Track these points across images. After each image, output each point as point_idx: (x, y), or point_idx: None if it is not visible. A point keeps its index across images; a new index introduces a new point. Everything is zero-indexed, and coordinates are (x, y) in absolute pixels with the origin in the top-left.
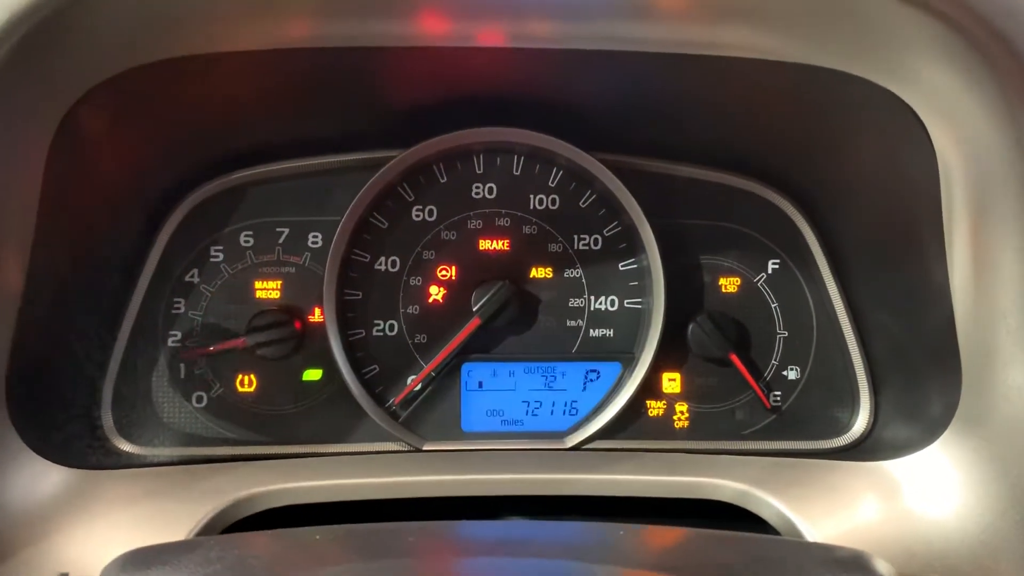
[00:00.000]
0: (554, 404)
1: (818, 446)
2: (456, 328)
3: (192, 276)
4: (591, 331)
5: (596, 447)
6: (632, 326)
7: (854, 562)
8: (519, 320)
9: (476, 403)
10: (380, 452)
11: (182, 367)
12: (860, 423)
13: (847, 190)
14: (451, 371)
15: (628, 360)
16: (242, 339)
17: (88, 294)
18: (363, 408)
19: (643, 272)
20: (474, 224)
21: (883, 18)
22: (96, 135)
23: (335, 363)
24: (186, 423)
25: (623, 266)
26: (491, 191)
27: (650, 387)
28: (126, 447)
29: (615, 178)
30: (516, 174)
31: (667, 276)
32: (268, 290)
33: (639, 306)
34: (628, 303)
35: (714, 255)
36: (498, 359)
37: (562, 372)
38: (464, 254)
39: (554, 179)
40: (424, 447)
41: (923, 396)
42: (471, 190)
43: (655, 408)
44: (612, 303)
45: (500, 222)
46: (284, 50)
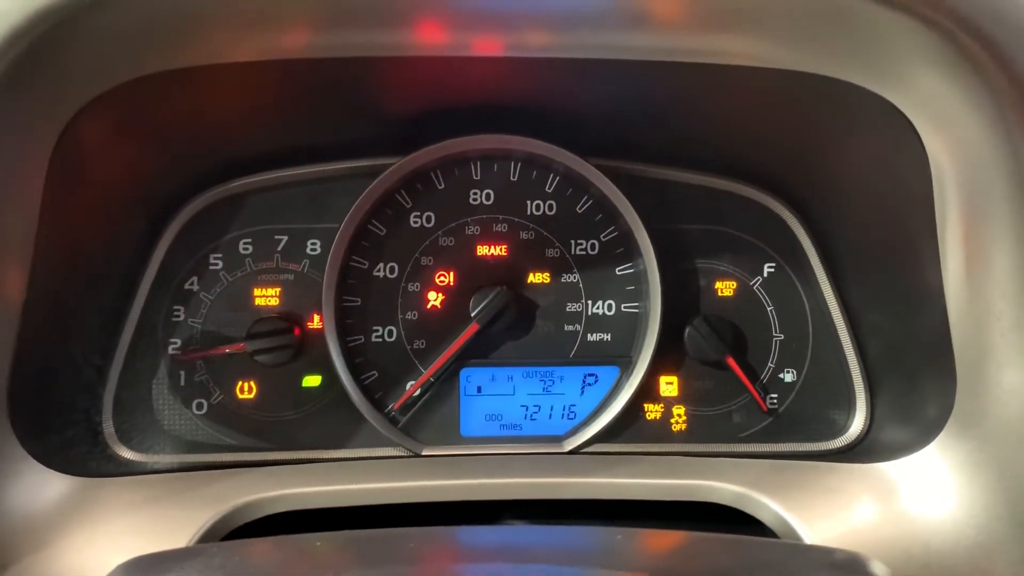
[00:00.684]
0: (552, 408)
1: (815, 448)
2: (455, 333)
3: (192, 284)
4: (589, 335)
5: (594, 451)
6: (629, 330)
7: (851, 565)
8: (517, 325)
9: (475, 408)
10: (379, 457)
11: (182, 374)
12: (856, 425)
13: (841, 194)
14: (450, 376)
15: (626, 364)
16: (242, 344)
17: (88, 302)
18: (362, 414)
19: (640, 277)
20: (472, 230)
21: (876, 26)
22: (96, 145)
23: (334, 369)
24: (186, 430)
25: (620, 271)
26: (489, 197)
27: (648, 391)
28: (127, 454)
29: (611, 184)
30: (513, 180)
31: (664, 280)
32: (267, 297)
33: (636, 310)
34: (625, 307)
35: (710, 259)
36: (496, 364)
37: (560, 376)
38: (462, 260)
39: (551, 185)
40: (423, 452)
41: (919, 398)
42: (469, 196)
43: (653, 411)
44: (609, 307)
45: (498, 228)
46: (283, 60)
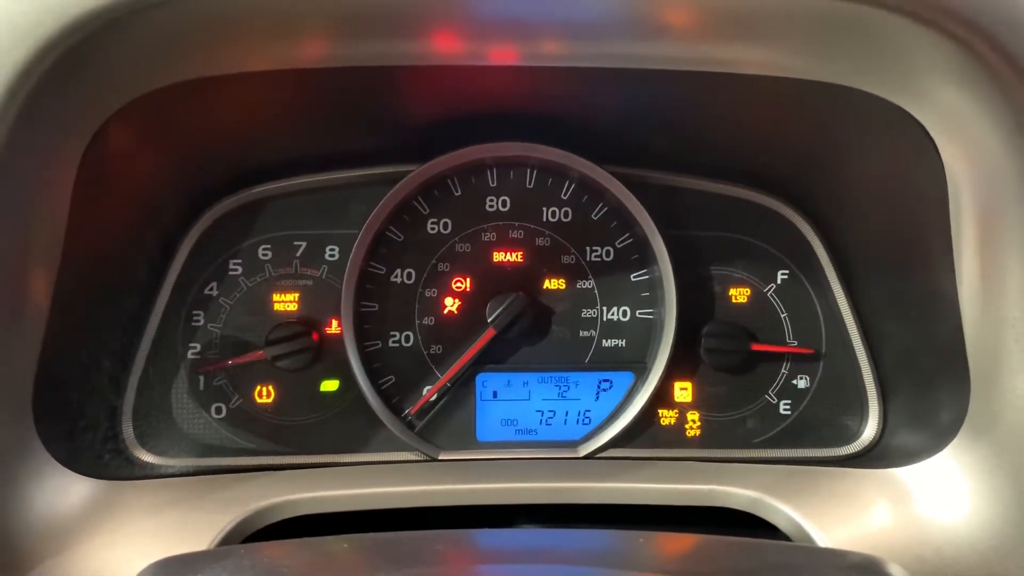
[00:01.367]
0: (567, 413)
1: (828, 454)
2: (471, 339)
3: (211, 289)
4: (604, 341)
5: (609, 456)
6: (644, 336)
7: (868, 567)
8: (533, 331)
9: (491, 413)
10: (397, 462)
11: (201, 379)
12: (870, 431)
13: (855, 202)
14: (466, 381)
15: (640, 370)
16: (261, 352)
17: (110, 308)
18: (380, 418)
19: (655, 283)
20: (488, 236)
21: (893, 36)
22: (121, 153)
23: (352, 374)
24: (205, 434)
25: (635, 277)
26: (505, 204)
27: (662, 396)
28: (147, 457)
29: (627, 191)
30: (529, 187)
31: (679, 287)
32: (286, 302)
33: (651, 316)
34: (640, 313)
35: (724, 266)
36: (512, 369)
37: (575, 382)
38: (478, 266)
39: (567, 192)
40: (440, 456)
41: (932, 404)
42: (485, 203)
43: (667, 417)
44: (624, 314)
45: (514, 234)
46: (303, 70)
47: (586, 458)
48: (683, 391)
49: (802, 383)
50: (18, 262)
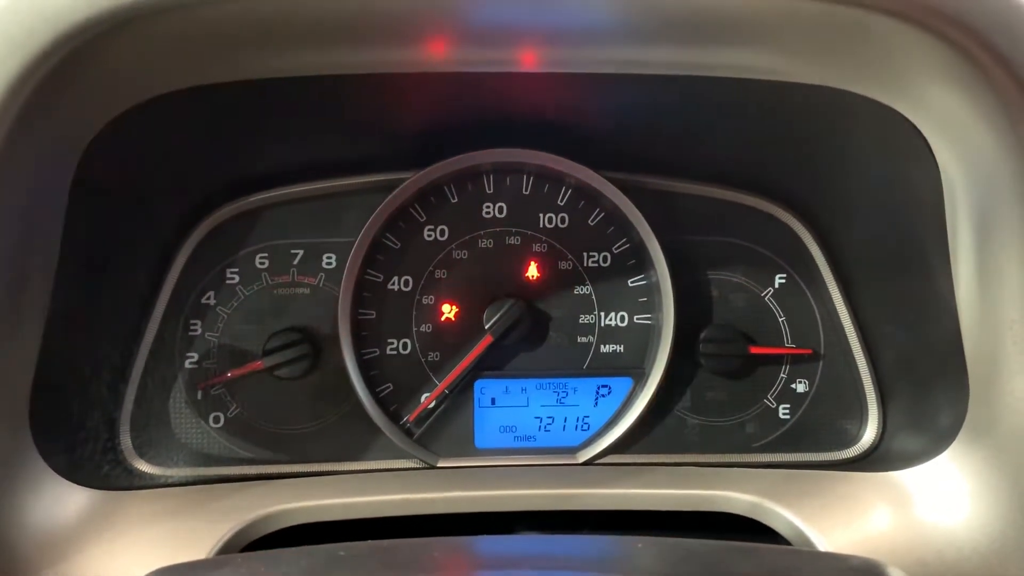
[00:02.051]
0: (566, 420)
1: (828, 458)
2: (469, 346)
3: (208, 298)
4: (602, 347)
5: (608, 462)
6: (642, 341)
7: (869, 571)
8: (530, 337)
9: (489, 420)
10: (395, 469)
11: (199, 388)
12: (869, 434)
13: (852, 205)
14: (464, 388)
15: (639, 375)
16: (259, 362)
17: (107, 317)
18: (378, 426)
19: (652, 288)
20: (485, 243)
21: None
22: (115, 164)
23: (350, 382)
24: (204, 443)
25: (632, 282)
26: (501, 210)
27: (661, 402)
28: (145, 467)
29: (623, 196)
30: (526, 193)
31: (676, 292)
32: (283, 311)
33: (649, 322)
34: (638, 319)
35: (722, 270)
36: (510, 376)
37: (574, 388)
38: (475, 273)
39: (563, 198)
40: (438, 464)
41: (931, 407)
42: (482, 210)
43: (666, 422)
44: (622, 319)
45: (511, 241)
46: (298, 77)
47: (585, 464)
48: (682, 396)
49: (801, 387)
50: (13, 272)
